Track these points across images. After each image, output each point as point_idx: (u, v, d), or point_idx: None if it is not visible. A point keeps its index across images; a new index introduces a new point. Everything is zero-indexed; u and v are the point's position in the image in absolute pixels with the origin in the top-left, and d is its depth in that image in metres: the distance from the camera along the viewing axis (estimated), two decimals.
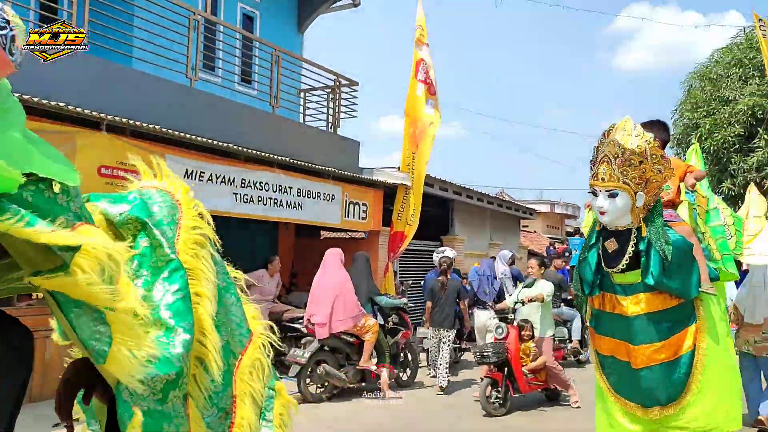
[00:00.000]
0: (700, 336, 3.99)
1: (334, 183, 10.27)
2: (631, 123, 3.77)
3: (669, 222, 4.11)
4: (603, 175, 3.75)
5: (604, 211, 3.77)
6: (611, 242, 3.91)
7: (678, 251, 3.83)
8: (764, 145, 13.72)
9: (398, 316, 8.40)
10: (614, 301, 4.07)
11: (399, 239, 11.58)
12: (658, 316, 3.95)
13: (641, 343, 3.94)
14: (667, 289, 3.87)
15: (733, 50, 16.17)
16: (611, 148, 3.73)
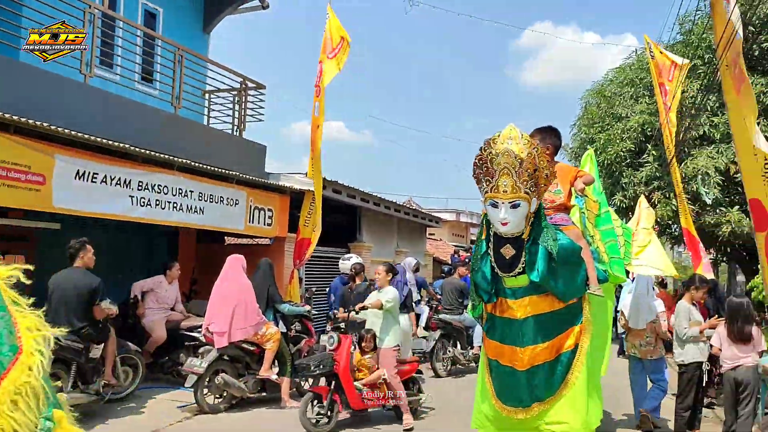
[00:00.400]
0: (584, 336, 4.17)
1: (238, 187, 10.02)
2: (517, 131, 3.82)
3: (560, 225, 4.26)
4: (505, 188, 3.79)
5: (507, 222, 3.83)
6: (507, 248, 3.96)
7: (564, 251, 3.95)
8: (652, 161, 14.54)
9: (301, 323, 8.29)
10: (505, 305, 4.18)
11: (305, 246, 11.45)
12: (546, 318, 4.09)
13: (527, 345, 4.08)
14: (550, 287, 3.99)
15: (626, 70, 17.10)
16: (508, 159, 3.75)
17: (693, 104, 12.80)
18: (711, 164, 13.09)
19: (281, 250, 11.66)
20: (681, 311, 6.84)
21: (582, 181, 4.60)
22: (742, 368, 5.98)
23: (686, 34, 15.25)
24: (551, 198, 4.57)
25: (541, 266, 3.89)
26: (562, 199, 4.62)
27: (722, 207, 13.56)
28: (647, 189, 14.73)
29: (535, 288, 4.03)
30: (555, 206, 4.58)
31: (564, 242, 4.03)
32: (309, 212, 11.37)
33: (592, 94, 18.27)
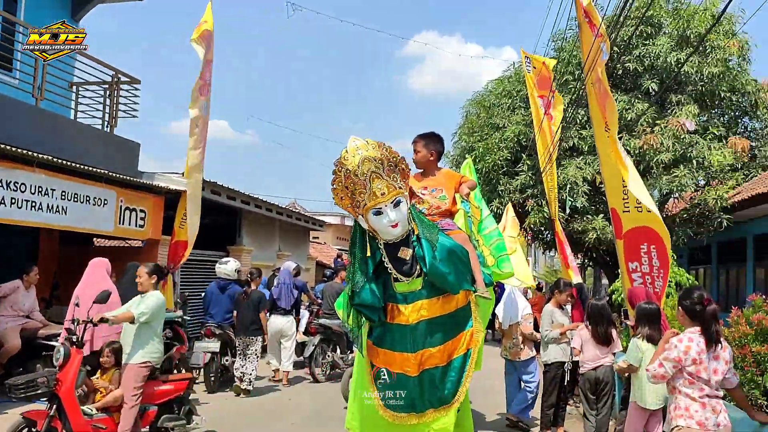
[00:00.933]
0: (474, 339, 4.19)
1: (106, 186, 9.45)
2: (359, 139, 3.85)
3: (446, 230, 4.26)
4: (382, 190, 3.80)
5: (397, 222, 3.85)
6: (404, 251, 3.98)
7: (449, 245, 3.99)
8: (527, 170, 15.20)
9: (173, 330, 7.91)
10: (396, 311, 4.13)
11: (181, 249, 10.95)
12: (438, 322, 4.08)
13: (419, 350, 4.04)
14: (442, 278, 3.96)
15: (504, 82, 17.79)
16: (370, 164, 3.79)
17: (564, 117, 13.49)
18: (579, 174, 13.85)
19: (154, 253, 11.12)
20: (545, 314, 7.19)
21: (467, 186, 4.70)
22: (602, 368, 6.33)
23: (559, 51, 16.07)
24: (437, 204, 4.60)
25: (429, 259, 3.92)
26: (447, 205, 4.65)
27: (588, 215, 14.38)
28: (522, 196, 15.39)
29: (428, 290, 4.05)
30: (440, 212, 4.60)
31: (448, 239, 4.08)
32: (185, 214, 10.91)
33: (473, 103, 18.86)
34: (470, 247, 4.35)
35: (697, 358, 3.84)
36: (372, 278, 4.04)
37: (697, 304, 3.93)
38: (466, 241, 4.39)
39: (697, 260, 18.08)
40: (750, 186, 13.96)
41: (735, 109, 15.27)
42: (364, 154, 3.78)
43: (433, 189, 4.67)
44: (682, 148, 13.28)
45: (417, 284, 4.03)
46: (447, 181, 4.73)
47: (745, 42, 14.58)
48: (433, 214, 4.53)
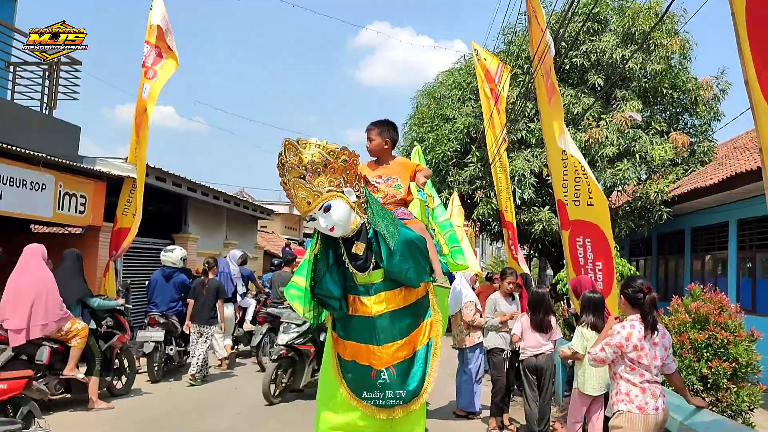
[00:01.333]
0: (434, 328, 4.18)
1: (44, 170, 9.07)
2: (292, 142, 3.67)
3: (403, 220, 4.20)
4: (307, 198, 3.70)
5: (332, 227, 3.74)
6: (357, 246, 3.88)
7: (407, 237, 3.91)
8: (476, 161, 15.34)
9: (114, 318, 7.68)
10: (357, 302, 4.05)
11: (123, 236, 10.65)
12: (400, 314, 4.01)
13: (385, 343, 3.98)
14: (402, 273, 3.90)
15: (454, 74, 17.89)
16: (293, 172, 3.67)
17: (513, 110, 13.66)
18: (527, 167, 14.05)
19: (96, 239, 10.80)
20: (489, 302, 7.27)
21: (422, 175, 4.64)
22: (542, 356, 6.44)
23: (508, 44, 16.24)
24: (392, 192, 4.53)
25: (385, 254, 3.84)
26: (402, 194, 4.58)
27: (535, 207, 14.62)
28: (471, 187, 15.53)
29: (389, 282, 3.97)
30: (396, 201, 4.52)
31: (408, 231, 4.00)
32: (129, 200, 10.61)
33: (423, 95, 18.88)
34: (428, 237, 4.30)
35: (638, 345, 3.93)
36: (332, 267, 3.99)
37: (638, 292, 4.03)
38: (424, 230, 4.32)
39: (638, 251, 18.63)
40: (689, 180, 14.44)
41: (676, 105, 15.73)
42: (289, 160, 3.65)
43: (387, 178, 4.57)
44: (626, 143, 13.63)
45: (377, 276, 3.96)
46: (401, 169, 4.64)
47: (686, 41, 15.02)
48: (387, 203, 4.46)
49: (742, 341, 5.27)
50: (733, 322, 5.38)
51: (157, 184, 12.19)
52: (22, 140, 8.97)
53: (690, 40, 15.22)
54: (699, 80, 15.34)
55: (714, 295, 5.69)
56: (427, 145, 16.19)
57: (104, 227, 10.79)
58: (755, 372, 5.27)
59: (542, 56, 8.04)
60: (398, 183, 4.54)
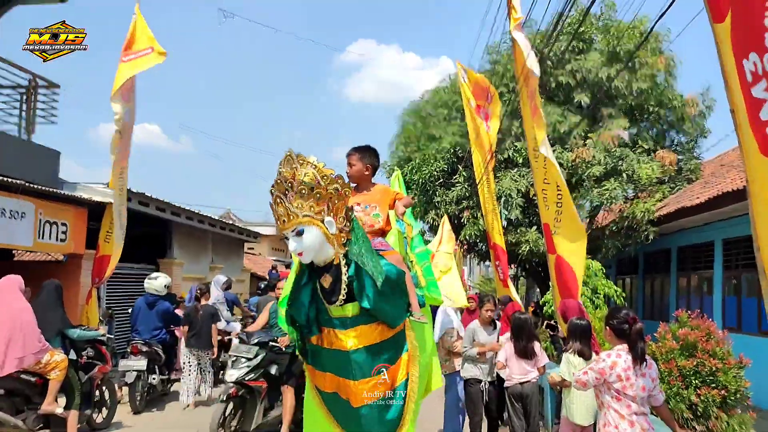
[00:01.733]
0: (412, 364, 3.98)
1: (24, 198, 8.93)
2: (293, 154, 3.52)
3: (380, 251, 4.02)
4: (283, 217, 3.53)
5: (301, 252, 3.55)
6: (325, 278, 3.69)
7: (389, 280, 3.71)
8: (462, 181, 15.29)
9: (95, 349, 7.50)
10: (332, 336, 3.84)
11: (105, 263, 10.48)
12: (376, 349, 3.82)
13: (361, 379, 3.79)
14: (382, 313, 3.75)
15: (440, 92, 17.82)
16: (280, 186, 3.52)
17: (499, 129, 13.64)
18: (514, 186, 14.01)
19: (78, 267, 10.63)
20: (467, 331, 7.09)
21: (402, 204, 4.42)
22: (528, 384, 6.32)
23: (494, 63, 16.27)
24: (369, 222, 4.31)
25: (371, 293, 3.64)
26: (380, 223, 4.35)
27: (522, 227, 14.57)
28: (457, 207, 15.47)
29: (366, 317, 3.76)
30: (373, 231, 4.30)
31: (390, 268, 3.79)
32: (111, 227, 10.45)
33: (409, 113, 18.76)
34: (405, 269, 4.12)
35: (622, 375, 3.89)
36: (305, 292, 3.81)
37: (623, 323, 3.99)
38: (401, 262, 4.13)
39: (625, 270, 18.62)
40: (675, 198, 14.47)
41: (662, 123, 15.81)
42: (283, 172, 3.50)
43: (366, 206, 4.36)
44: (613, 162, 13.64)
45: (352, 309, 3.75)
46: (381, 197, 4.43)
47: (671, 59, 15.13)
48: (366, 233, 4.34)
49: (730, 368, 5.21)
50: (721, 349, 5.32)
51: (140, 209, 12.04)
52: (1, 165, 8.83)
53: (674, 58, 15.34)
54: (685, 97, 15.45)
55: (701, 321, 5.64)
56: (413, 165, 16.10)
57: (86, 254, 10.63)
58: (744, 399, 5.20)
59: (526, 78, 8.05)
60: (377, 212, 4.35)
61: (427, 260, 5.03)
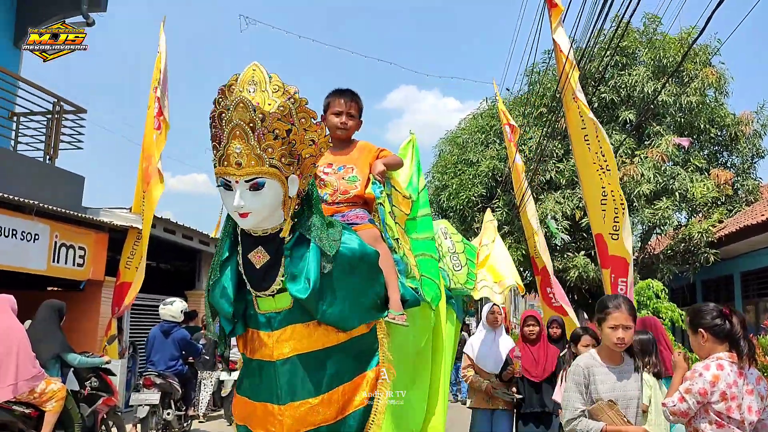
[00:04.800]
0: (382, 387, 2.88)
1: (38, 219, 8.49)
2: (262, 71, 2.54)
3: (354, 224, 3.06)
4: (238, 158, 2.49)
5: (247, 212, 2.57)
6: (259, 253, 2.70)
7: (350, 256, 2.77)
8: (502, 205, 14.54)
9: (99, 378, 6.87)
10: (257, 340, 2.83)
11: (127, 291, 9.97)
12: (318, 358, 2.79)
13: (290, 401, 2.75)
14: (318, 309, 2.71)
15: (477, 118, 17.33)
16: (243, 113, 2.45)
17: (538, 149, 12.93)
18: (558, 209, 13.20)
19: (97, 295, 10.12)
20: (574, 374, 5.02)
21: (382, 162, 3.32)
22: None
23: (532, 85, 15.66)
24: (344, 188, 3.28)
25: (314, 276, 2.63)
26: (358, 189, 3.30)
27: (569, 252, 13.67)
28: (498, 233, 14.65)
29: (302, 312, 2.75)
30: (349, 198, 3.27)
31: (351, 244, 2.81)
32: (132, 252, 9.96)
33: (446, 142, 18.34)
34: (382, 248, 3.06)
35: (727, 392, 2.92)
36: (226, 272, 2.79)
37: (718, 317, 3.05)
38: (378, 239, 3.09)
39: (682, 300, 17.36)
40: (735, 220, 13.40)
41: (714, 142, 14.84)
42: (247, 95, 2.47)
43: (340, 167, 3.32)
44: (664, 180, 12.73)
45: (285, 301, 2.74)
46: (360, 156, 3.39)
47: (722, 74, 14.22)
48: (338, 201, 3.23)
49: None
50: None
51: (166, 236, 11.57)
52: (22, 190, 8.45)
53: (725, 74, 14.42)
54: (738, 115, 14.49)
55: None
56: (450, 191, 15.52)
57: (107, 282, 10.14)
58: None
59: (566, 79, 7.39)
60: (353, 174, 3.31)
61: (429, 252, 3.70)
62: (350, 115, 3.38)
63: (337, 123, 3.35)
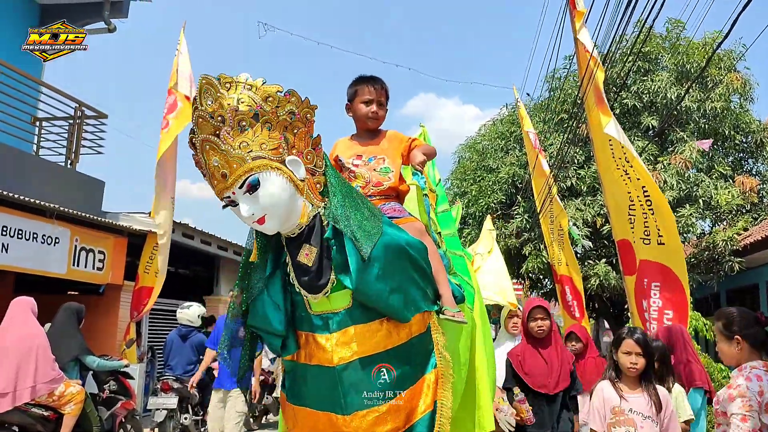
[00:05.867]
0: (443, 389, 2.67)
1: (58, 223, 8.52)
2: (211, 80, 2.33)
3: (393, 219, 2.84)
4: (222, 169, 2.37)
5: (262, 216, 2.43)
6: (306, 250, 2.53)
7: (398, 256, 2.59)
8: (522, 212, 14.39)
9: (118, 382, 6.87)
10: (312, 344, 2.65)
11: (146, 296, 9.98)
12: (379, 362, 2.58)
13: (356, 410, 2.55)
14: (378, 294, 2.54)
15: (497, 124, 17.23)
16: (205, 126, 2.34)
17: (558, 156, 12.78)
18: (579, 216, 13.02)
19: (116, 299, 10.14)
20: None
21: (421, 151, 3.02)
22: None
23: (553, 91, 15.52)
24: (376, 179, 3.05)
25: (354, 264, 2.47)
26: (392, 180, 3.06)
27: (590, 260, 13.49)
28: (518, 241, 14.52)
29: (362, 311, 2.58)
30: (383, 190, 3.05)
31: (395, 231, 2.64)
32: (151, 257, 9.98)
33: (465, 148, 18.26)
34: (430, 243, 2.85)
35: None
36: (273, 282, 2.63)
37: (754, 324, 2.91)
38: (423, 233, 2.89)
39: (706, 309, 17.04)
40: (761, 229, 13.13)
41: (739, 150, 14.60)
42: (205, 108, 2.33)
43: (370, 158, 3.09)
44: (687, 187, 12.52)
45: (342, 301, 2.59)
46: (391, 146, 3.13)
47: (747, 80, 13.98)
48: (371, 195, 3.02)
49: None
50: None
51: (184, 241, 11.59)
52: (43, 194, 8.50)
53: (751, 79, 14.18)
54: (763, 121, 14.24)
55: None
56: (470, 198, 15.40)
57: (125, 286, 10.16)
58: None
59: (590, 80, 7.28)
60: (385, 165, 3.07)
61: (458, 250, 3.57)
62: (380, 104, 3.14)
63: (368, 113, 3.11)
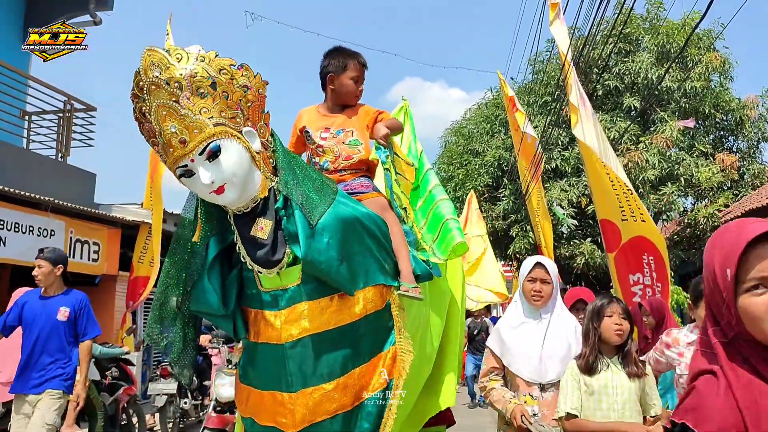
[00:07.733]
0: (399, 367, 2.56)
1: (53, 216, 8.67)
2: (159, 51, 2.23)
3: (356, 194, 2.78)
4: (180, 135, 2.23)
5: (221, 185, 2.33)
6: (260, 224, 2.46)
7: (349, 228, 2.49)
8: (509, 194, 14.64)
9: (119, 368, 7.07)
10: (261, 321, 2.54)
11: (141, 285, 10.14)
12: (332, 339, 2.49)
13: (302, 388, 2.47)
14: (327, 264, 2.42)
15: (482, 108, 17.41)
16: (159, 94, 2.21)
17: (543, 138, 13.01)
18: (564, 196, 13.29)
19: (111, 290, 10.31)
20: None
21: (384, 125, 2.94)
22: None
23: (537, 73, 15.72)
24: (347, 153, 2.91)
25: (303, 230, 2.37)
26: (361, 154, 2.94)
27: (575, 239, 13.77)
28: (505, 223, 14.78)
29: (313, 287, 2.48)
30: (354, 164, 2.92)
31: (347, 203, 2.57)
32: (145, 247, 10.14)
33: (451, 132, 18.43)
34: (391, 216, 2.76)
35: None
36: (214, 264, 2.52)
37: None
38: (386, 208, 2.79)
39: (688, 286, 17.45)
40: (740, 205, 13.45)
41: (720, 128, 14.89)
42: (157, 76, 2.20)
43: (339, 130, 2.94)
44: (669, 166, 12.80)
45: (292, 277, 2.48)
46: (358, 119, 3.00)
47: (726, 58, 14.25)
48: (341, 168, 2.90)
49: None
50: None
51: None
52: (35, 188, 8.63)
53: (730, 58, 14.44)
54: (743, 99, 14.52)
55: None
56: (457, 182, 15.60)
57: (120, 276, 10.32)
58: None
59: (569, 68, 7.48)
60: (354, 138, 2.94)
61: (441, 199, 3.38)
62: (355, 81, 3.00)
63: (356, 91, 3.01)
